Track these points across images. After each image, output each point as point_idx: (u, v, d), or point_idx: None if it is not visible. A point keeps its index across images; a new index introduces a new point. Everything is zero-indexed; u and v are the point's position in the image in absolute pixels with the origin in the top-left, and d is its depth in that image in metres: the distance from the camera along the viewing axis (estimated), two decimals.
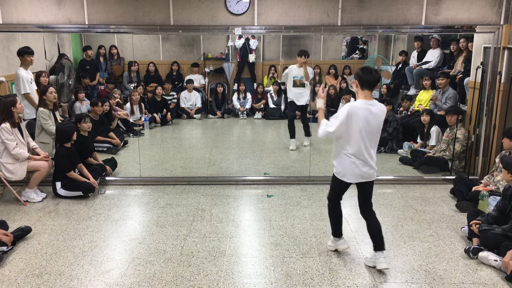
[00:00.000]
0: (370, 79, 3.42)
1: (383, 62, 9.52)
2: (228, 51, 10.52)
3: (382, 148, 7.15)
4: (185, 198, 5.20)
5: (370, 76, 3.42)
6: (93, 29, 5.46)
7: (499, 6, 5.31)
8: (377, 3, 5.35)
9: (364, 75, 3.43)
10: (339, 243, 3.90)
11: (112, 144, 7.12)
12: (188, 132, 8.94)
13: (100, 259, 3.79)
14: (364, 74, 3.44)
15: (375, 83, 3.46)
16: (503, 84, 5.46)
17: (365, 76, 3.43)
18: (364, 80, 3.43)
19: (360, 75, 3.45)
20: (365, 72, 3.44)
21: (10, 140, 4.88)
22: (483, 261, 3.72)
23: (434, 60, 7.97)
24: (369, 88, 3.45)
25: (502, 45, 5.35)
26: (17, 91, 5.89)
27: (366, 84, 3.43)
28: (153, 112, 9.09)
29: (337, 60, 10.81)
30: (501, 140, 4.94)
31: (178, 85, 10.39)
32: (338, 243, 3.90)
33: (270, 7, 5.39)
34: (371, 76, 3.42)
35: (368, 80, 3.42)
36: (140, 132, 8.34)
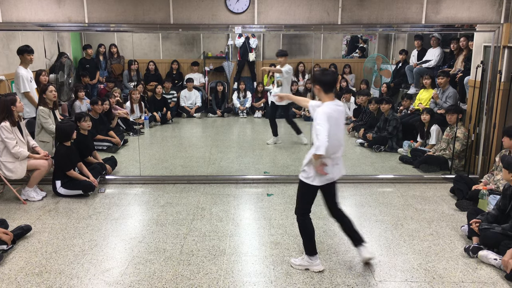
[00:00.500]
0: (330, 80, 3.39)
1: (383, 61, 9.53)
2: (228, 50, 10.51)
3: (382, 147, 7.15)
4: (185, 197, 5.21)
5: (330, 77, 3.40)
6: (93, 27, 5.46)
7: (500, 5, 5.31)
8: (377, 1, 5.35)
9: (325, 78, 3.39)
10: (315, 263, 3.57)
11: (112, 143, 7.12)
12: (188, 131, 8.94)
13: (100, 257, 3.79)
14: (324, 76, 3.39)
15: (335, 82, 3.47)
16: (503, 83, 5.46)
17: (326, 78, 3.39)
18: (326, 82, 3.38)
19: (321, 79, 3.39)
20: (324, 75, 3.40)
21: (10, 139, 4.88)
22: (483, 260, 3.73)
23: (434, 59, 7.97)
24: (332, 90, 3.42)
25: (502, 44, 5.34)
26: (17, 89, 5.89)
27: (329, 87, 3.39)
28: (153, 111, 9.08)
29: (337, 59, 10.81)
30: (501, 139, 4.94)
31: (178, 84, 10.39)
32: (315, 262, 3.57)
33: (270, 6, 5.38)
34: (331, 77, 3.40)
35: (330, 81, 3.39)
36: (140, 131, 8.34)
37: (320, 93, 3.42)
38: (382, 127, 7.34)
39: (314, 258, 3.57)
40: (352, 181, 5.72)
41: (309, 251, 3.57)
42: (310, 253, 3.57)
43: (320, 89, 3.40)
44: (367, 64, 9.92)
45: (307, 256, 3.58)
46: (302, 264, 3.61)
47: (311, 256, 3.57)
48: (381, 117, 7.43)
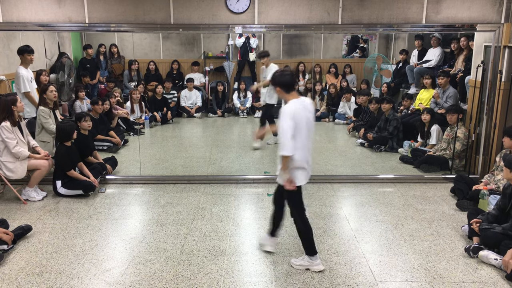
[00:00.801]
0: (288, 80, 3.43)
1: (383, 60, 9.53)
2: (228, 50, 10.51)
3: (382, 147, 7.15)
4: (185, 197, 5.21)
5: (288, 77, 3.44)
6: (93, 27, 5.46)
7: (500, 5, 5.31)
8: (377, 1, 5.35)
9: (283, 79, 3.44)
10: (316, 262, 3.56)
11: (113, 142, 7.12)
12: (189, 131, 8.94)
13: (101, 257, 3.79)
14: (282, 78, 3.44)
15: (294, 82, 3.49)
16: (503, 83, 5.45)
17: (284, 79, 3.44)
18: (285, 83, 3.43)
19: (279, 81, 3.44)
20: (282, 76, 3.45)
21: (10, 139, 4.88)
22: (483, 260, 3.72)
23: (434, 59, 7.97)
24: (293, 89, 3.46)
25: (502, 44, 5.34)
26: (17, 89, 5.89)
27: (288, 87, 3.44)
28: (154, 111, 9.08)
29: (337, 59, 10.81)
30: (501, 139, 4.94)
31: (178, 83, 10.39)
32: (315, 262, 3.56)
33: (270, 6, 5.38)
34: (288, 78, 3.45)
35: (288, 82, 3.43)
36: (141, 131, 8.34)
37: (282, 94, 3.47)
38: (382, 127, 7.34)
39: (314, 258, 3.56)
40: (353, 181, 5.72)
41: (309, 251, 3.57)
42: (310, 253, 3.57)
43: (281, 90, 3.45)
44: (367, 64, 9.92)
45: (308, 256, 3.58)
46: (302, 264, 3.61)
47: (311, 256, 3.56)
48: (382, 117, 7.43)
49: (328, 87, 9.65)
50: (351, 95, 9.21)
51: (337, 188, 5.50)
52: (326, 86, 9.88)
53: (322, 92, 9.76)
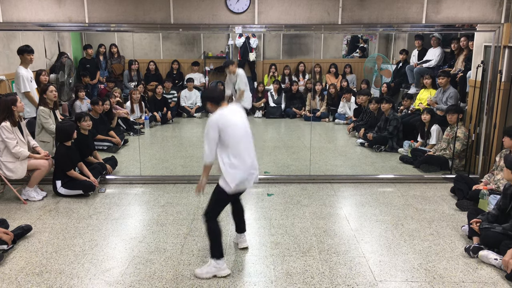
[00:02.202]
0: (217, 95, 3.61)
1: (383, 60, 9.53)
2: (228, 50, 10.50)
3: (382, 146, 7.15)
4: (185, 196, 5.21)
5: (216, 93, 3.66)
6: (93, 27, 5.46)
7: (500, 5, 5.31)
8: (377, 1, 5.34)
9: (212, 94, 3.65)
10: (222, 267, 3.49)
11: (113, 142, 7.12)
12: (189, 130, 8.94)
13: (101, 257, 3.79)
14: (211, 94, 3.67)
15: (222, 96, 3.66)
16: (503, 83, 5.45)
17: (213, 94, 3.64)
18: (213, 98, 3.58)
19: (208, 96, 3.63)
20: (210, 93, 3.74)
21: (10, 139, 4.88)
22: (483, 260, 3.72)
23: (434, 59, 7.97)
24: (221, 101, 3.58)
25: (502, 43, 5.34)
26: (17, 89, 5.89)
27: (217, 100, 3.57)
28: (154, 111, 9.08)
29: (337, 59, 10.81)
30: (501, 139, 4.94)
31: (178, 83, 10.38)
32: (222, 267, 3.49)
33: (270, 6, 5.38)
34: (217, 93, 3.66)
35: (216, 96, 3.59)
36: (141, 131, 8.34)
37: (213, 107, 3.57)
38: (382, 127, 7.34)
39: (221, 262, 3.48)
40: (353, 181, 5.72)
41: (216, 253, 3.47)
42: (217, 255, 3.47)
43: (212, 104, 3.57)
44: (367, 64, 9.92)
45: (214, 259, 3.47)
46: (209, 271, 3.48)
47: (218, 260, 3.47)
48: (382, 117, 7.43)
49: (328, 87, 9.65)
50: (351, 95, 9.21)
51: (337, 188, 5.50)
52: (326, 86, 9.88)
53: (322, 92, 9.76)
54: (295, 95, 9.96)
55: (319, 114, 9.46)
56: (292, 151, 7.13)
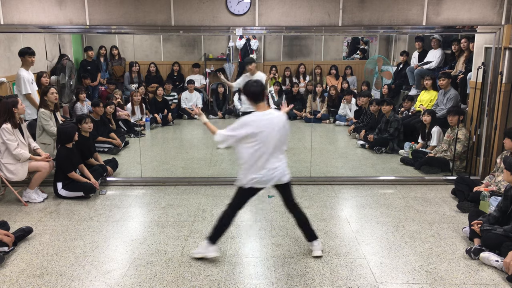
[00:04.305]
0: (255, 91, 3.57)
1: (384, 62, 9.53)
2: (229, 52, 10.52)
3: (383, 148, 7.15)
4: (186, 198, 5.21)
5: (254, 88, 3.58)
6: (94, 29, 5.47)
7: (500, 7, 5.31)
8: (378, 3, 5.35)
9: (250, 89, 3.58)
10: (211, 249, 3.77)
11: (113, 144, 7.13)
12: (189, 132, 8.94)
13: (101, 259, 3.79)
14: (249, 88, 3.59)
15: (260, 93, 3.59)
16: (504, 85, 5.45)
17: (251, 89, 3.57)
18: (251, 93, 3.58)
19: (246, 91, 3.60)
20: (249, 86, 3.59)
21: (11, 141, 4.89)
22: (484, 262, 3.72)
23: (435, 61, 7.97)
24: (260, 100, 3.59)
25: (503, 45, 5.34)
26: (18, 91, 5.90)
27: (255, 97, 3.58)
28: (154, 113, 9.09)
29: (338, 61, 10.81)
30: (502, 140, 4.93)
31: (179, 85, 10.40)
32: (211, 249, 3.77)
33: (271, 8, 5.39)
34: (255, 88, 3.58)
35: (254, 92, 3.57)
36: (141, 133, 8.35)
37: (251, 103, 3.63)
38: (383, 129, 7.34)
39: (212, 248, 3.75)
40: (353, 182, 5.72)
41: (213, 239, 3.73)
42: (212, 240, 3.73)
43: (250, 100, 3.62)
44: (368, 66, 9.93)
45: (208, 242, 3.73)
46: (200, 251, 3.77)
47: (212, 244, 3.74)
48: (382, 118, 7.43)
49: (329, 89, 9.65)
50: (352, 97, 9.22)
51: (338, 189, 5.50)
52: (327, 87, 9.88)
53: (322, 94, 9.76)
54: (296, 96, 9.97)
55: (320, 116, 9.46)
56: (292, 152, 7.13)
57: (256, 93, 3.57)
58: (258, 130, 3.47)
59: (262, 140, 3.48)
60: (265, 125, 3.49)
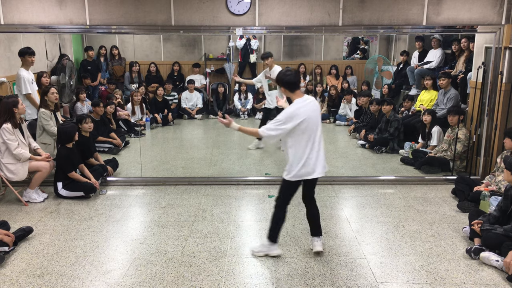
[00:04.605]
0: (291, 80, 3.52)
1: (384, 62, 9.53)
2: (229, 52, 10.52)
3: (383, 148, 7.15)
4: (186, 198, 5.21)
5: (291, 77, 3.53)
6: (94, 29, 5.47)
7: (500, 6, 5.31)
8: (378, 3, 5.35)
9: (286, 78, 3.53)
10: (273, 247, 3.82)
11: (114, 144, 7.13)
12: (189, 132, 8.94)
13: (102, 259, 3.79)
14: (285, 77, 3.53)
15: (297, 81, 3.57)
16: (504, 84, 5.45)
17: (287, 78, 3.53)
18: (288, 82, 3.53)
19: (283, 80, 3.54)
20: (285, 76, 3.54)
21: (12, 141, 4.89)
22: (484, 262, 3.72)
23: (435, 60, 7.97)
24: (297, 88, 3.57)
25: (503, 45, 5.34)
26: (19, 91, 5.90)
27: (292, 86, 3.54)
28: (154, 113, 9.10)
29: (338, 60, 10.81)
30: (502, 140, 4.93)
31: (179, 85, 10.40)
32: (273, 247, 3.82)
33: (271, 7, 5.39)
34: (291, 77, 3.53)
35: (291, 81, 3.52)
36: (141, 133, 8.35)
37: (286, 93, 3.59)
38: (383, 129, 7.34)
39: (273, 246, 3.78)
40: (354, 182, 5.72)
41: (272, 238, 3.77)
42: (272, 239, 3.77)
43: (285, 90, 3.58)
44: (368, 66, 9.92)
45: (268, 241, 3.78)
46: (262, 250, 3.82)
47: (272, 243, 3.77)
48: (383, 118, 7.43)
49: (329, 89, 9.65)
50: (352, 97, 9.21)
51: (338, 189, 5.50)
52: (327, 87, 9.88)
53: (322, 94, 9.77)
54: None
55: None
56: None
57: (292, 82, 3.53)
58: (305, 117, 3.45)
59: (309, 127, 3.48)
60: (308, 110, 3.48)
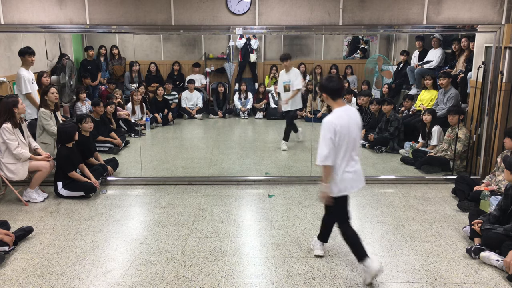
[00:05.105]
0: (335, 87, 3.37)
1: (384, 61, 9.53)
2: (229, 51, 10.52)
3: (383, 148, 7.15)
4: (186, 198, 5.21)
5: (334, 84, 3.39)
6: (94, 29, 5.47)
7: (501, 6, 5.31)
8: (378, 2, 5.35)
9: (330, 84, 3.38)
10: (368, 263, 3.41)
11: (114, 144, 7.13)
12: (190, 132, 8.94)
13: (102, 259, 3.79)
14: (329, 83, 3.39)
15: (341, 89, 3.41)
16: (504, 84, 5.45)
17: (331, 85, 3.38)
18: (331, 89, 3.38)
19: (326, 86, 3.39)
20: (329, 82, 3.40)
21: (12, 140, 4.89)
22: (484, 261, 3.72)
23: (435, 60, 7.97)
24: (339, 96, 3.41)
25: (503, 44, 5.34)
26: (19, 91, 5.90)
27: (335, 94, 3.39)
28: (155, 112, 9.10)
29: (338, 60, 10.81)
30: (502, 139, 4.93)
31: (179, 85, 10.40)
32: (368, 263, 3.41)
33: (271, 7, 5.39)
34: (335, 84, 3.38)
35: (334, 88, 3.37)
36: (142, 132, 8.35)
37: (328, 100, 3.44)
38: (383, 128, 7.34)
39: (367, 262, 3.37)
40: None
41: (361, 256, 3.40)
42: (360, 258, 3.41)
43: (327, 96, 3.42)
44: (368, 65, 9.92)
45: (362, 263, 3.41)
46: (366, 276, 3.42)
47: (364, 261, 3.38)
48: (383, 118, 7.43)
49: None
50: (352, 96, 9.21)
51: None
52: None
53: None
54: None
55: (320, 115, 9.46)
56: (293, 152, 7.13)
57: (335, 89, 3.37)
58: (341, 128, 3.28)
59: (345, 138, 3.30)
60: (346, 120, 3.32)
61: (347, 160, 3.38)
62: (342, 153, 3.35)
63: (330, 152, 3.29)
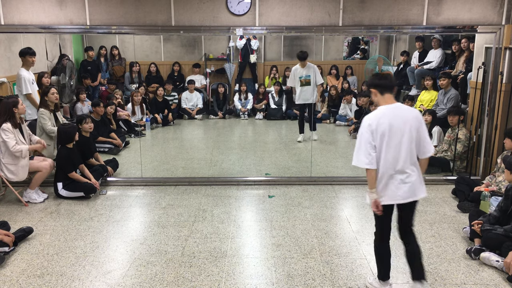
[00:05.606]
0: (387, 83, 3.11)
1: (384, 62, 9.53)
2: (229, 52, 10.52)
3: None
4: (186, 198, 5.21)
5: (385, 80, 3.13)
6: (94, 30, 5.47)
7: (501, 6, 5.31)
8: (378, 3, 5.35)
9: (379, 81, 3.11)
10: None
11: (114, 144, 7.13)
12: (190, 132, 8.94)
13: (102, 259, 3.79)
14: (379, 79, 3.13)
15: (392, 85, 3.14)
16: (504, 84, 5.45)
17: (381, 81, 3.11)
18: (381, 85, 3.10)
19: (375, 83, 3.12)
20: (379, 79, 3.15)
21: (10, 138, 4.86)
22: (485, 262, 3.72)
23: (435, 60, 7.96)
24: (388, 91, 3.10)
25: (503, 45, 5.34)
26: (19, 91, 5.90)
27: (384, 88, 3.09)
28: (155, 113, 9.10)
29: (338, 61, 10.81)
30: (502, 140, 4.93)
31: (179, 85, 10.40)
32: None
33: (271, 8, 5.39)
34: (386, 80, 3.13)
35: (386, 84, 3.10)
36: (142, 133, 8.35)
37: (377, 96, 3.13)
38: None
39: (384, 283, 3.29)
40: (354, 182, 5.72)
41: (380, 275, 3.31)
42: (380, 277, 3.31)
43: (376, 92, 3.11)
44: (368, 66, 9.92)
45: (377, 279, 3.34)
46: (373, 284, 3.37)
47: (381, 280, 3.30)
48: None
49: (329, 89, 9.66)
50: (352, 97, 9.22)
51: (338, 189, 5.50)
52: (327, 87, 9.88)
53: (323, 94, 9.76)
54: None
55: (320, 116, 9.46)
56: (293, 152, 7.13)
57: (383, 84, 3.06)
58: (383, 126, 2.97)
59: (390, 138, 2.97)
60: (393, 120, 2.98)
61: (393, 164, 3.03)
62: (386, 155, 3.02)
63: (366, 153, 3.01)
